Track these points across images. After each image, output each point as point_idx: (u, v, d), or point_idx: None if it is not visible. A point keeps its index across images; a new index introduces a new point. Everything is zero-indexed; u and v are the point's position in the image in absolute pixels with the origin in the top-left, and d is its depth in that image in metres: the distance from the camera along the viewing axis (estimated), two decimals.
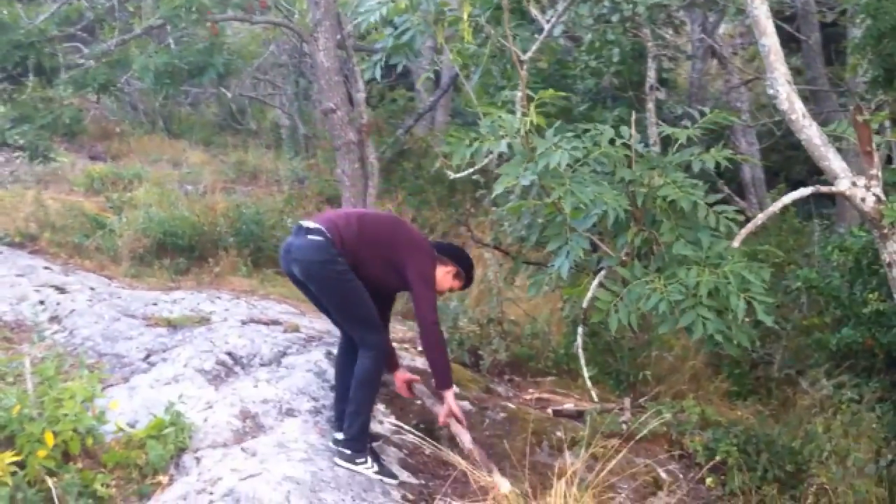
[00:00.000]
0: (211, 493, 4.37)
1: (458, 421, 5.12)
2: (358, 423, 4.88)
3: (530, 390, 6.57)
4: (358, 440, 4.89)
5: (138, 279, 8.72)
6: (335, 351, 6.09)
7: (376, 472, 4.85)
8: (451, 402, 5.04)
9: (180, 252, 9.55)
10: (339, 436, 4.99)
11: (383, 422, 5.48)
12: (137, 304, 7.35)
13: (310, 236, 4.85)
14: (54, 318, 6.93)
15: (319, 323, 7.04)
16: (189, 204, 10.76)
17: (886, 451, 5.29)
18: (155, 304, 7.43)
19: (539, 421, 5.85)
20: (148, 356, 6.20)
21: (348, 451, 4.86)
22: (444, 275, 5.18)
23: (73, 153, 14.32)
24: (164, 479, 4.58)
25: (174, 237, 9.58)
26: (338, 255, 4.81)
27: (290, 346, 6.33)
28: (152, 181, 12.23)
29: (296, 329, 6.72)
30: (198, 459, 4.78)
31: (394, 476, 4.91)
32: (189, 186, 12.52)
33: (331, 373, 5.80)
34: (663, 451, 5.66)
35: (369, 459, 4.88)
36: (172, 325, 6.77)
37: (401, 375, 5.47)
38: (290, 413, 5.36)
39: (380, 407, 5.60)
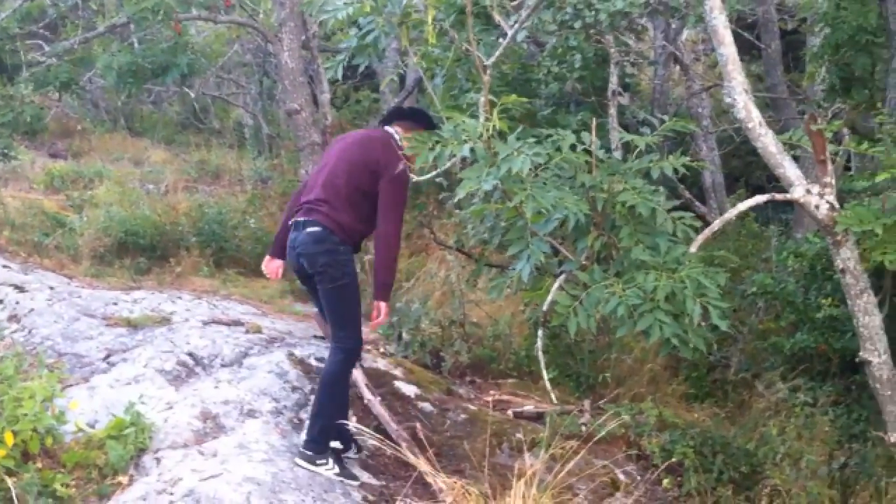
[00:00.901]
0: (171, 494, 4.36)
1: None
2: (319, 423, 4.88)
3: (491, 392, 6.62)
4: (319, 441, 4.88)
5: (98, 278, 8.66)
6: (297, 352, 6.14)
7: (337, 474, 4.86)
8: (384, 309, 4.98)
9: (141, 252, 9.51)
10: (335, 444, 5.01)
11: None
12: (98, 304, 7.31)
13: (308, 229, 4.86)
14: (13, 317, 6.88)
15: (281, 324, 7.06)
16: (150, 203, 10.70)
17: (839, 454, 5.39)
18: (115, 304, 7.39)
19: (499, 422, 5.92)
20: (108, 356, 6.17)
21: (309, 452, 4.86)
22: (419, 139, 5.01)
23: (33, 151, 14.16)
24: (123, 479, 4.57)
25: (135, 236, 9.53)
26: (340, 244, 4.84)
27: (252, 346, 6.33)
28: (113, 180, 12.13)
29: (258, 330, 6.72)
30: (158, 460, 4.77)
31: (354, 477, 4.93)
32: (150, 185, 12.44)
33: (292, 374, 5.83)
34: (621, 452, 5.72)
35: (330, 461, 4.88)
36: (133, 325, 6.74)
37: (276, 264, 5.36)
38: (251, 414, 5.36)
39: None
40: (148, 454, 4.82)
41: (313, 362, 6.07)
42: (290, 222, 5.05)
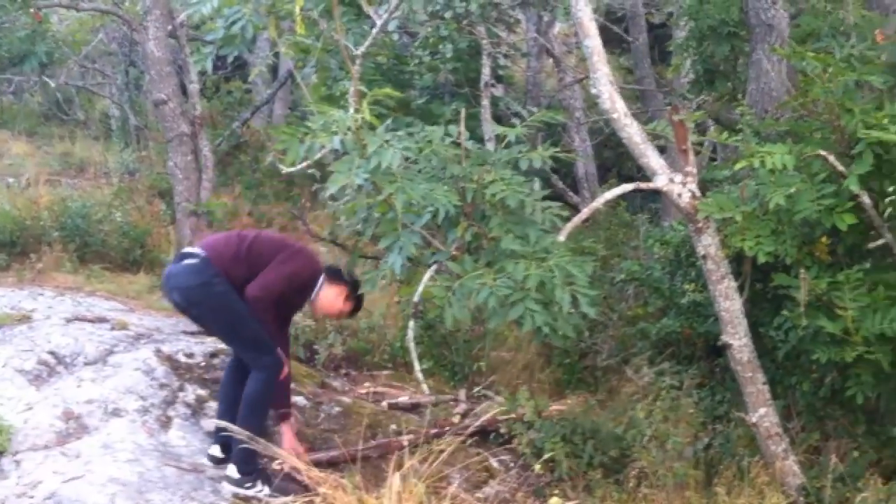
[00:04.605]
0: (31, 497, 4.25)
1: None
2: (245, 446, 4.70)
3: (366, 384, 6.59)
4: (246, 463, 4.79)
5: None
6: (165, 348, 5.98)
7: (267, 495, 4.78)
8: None
9: (0, 247, 9.11)
10: (216, 450, 4.96)
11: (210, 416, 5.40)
12: None
13: (186, 261, 4.83)
14: None
15: (150, 320, 6.87)
16: (10, 197, 10.24)
17: (703, 435, 5.54)
18: None
19: (374, 414, 5.91)
20: None
21: (236, 476, 4.78)
22: (336, 295, 5.13)
23: None
24: None
25: None
26: (215, 276, 4.77)
27: (118, 343, 6.13)
28: None
29: (124, 326, 6.51)
30: (17, 462, 4.63)
31: (287, 493, 4.81)
32: (10, 179, 11.90)
33: (160, 371, 5.70)
34: (495, 441, 5.78)
35: (259, 483, 4.81)
36: None
37: (289, 432, 5.11)
38: (116, 413, 5.22)
39: (212, 404, 5.51)
40: (7, 457, 4.66)
41: (182, 358, 5.92)
42: None
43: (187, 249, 4.96)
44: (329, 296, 5.12)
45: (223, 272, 4.79)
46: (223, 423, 4.73)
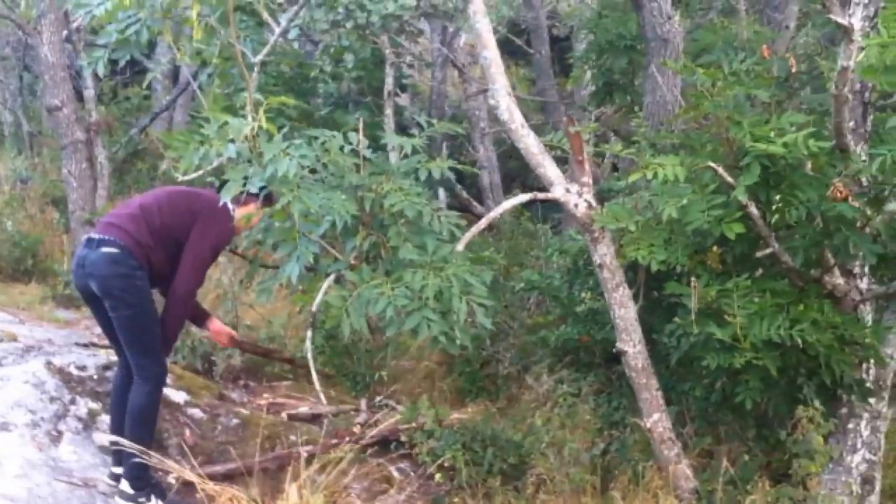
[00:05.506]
0: None
1: None
2: (132, 460, 4.61)
3: (265, 395, 6.51)
4: (139, 478, 4.69)
5: None
6: (56, 361, 5.81)
7: None
8: None
9: None
10: (118, 470, 4.82)
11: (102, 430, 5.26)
12: None
13: (103, 248, 4.59)
14: None
15: (41, 331, 6.68)
16: None
17: (600, 441, 5.64)
18: None
19: (273, 425, 5.87)
20: None
21: (129, 491, 4.67)
22: (257, 214, 4.93)
23: None
24: None
25: None
26: (137, 269, 4.62)
27: (6, 356, 5.93)
28: None
29: (13, 338, 6.31)
30: None
31: None
32: None
33: (51, 383, 5.52)
34: (396, 450, 5.78)
35: (153, 497, 4.71)
36: None
37: (215, 327, 5.34)
38: (4, 427, 5.05)
39: (104, 418, 5.37)
40: None
41: (73, 371, 5.75)
42: None
43: (100, 235, 4.66)
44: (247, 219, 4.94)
45: (146, 263, 4.67)
46: (117, 438, 4.64)
